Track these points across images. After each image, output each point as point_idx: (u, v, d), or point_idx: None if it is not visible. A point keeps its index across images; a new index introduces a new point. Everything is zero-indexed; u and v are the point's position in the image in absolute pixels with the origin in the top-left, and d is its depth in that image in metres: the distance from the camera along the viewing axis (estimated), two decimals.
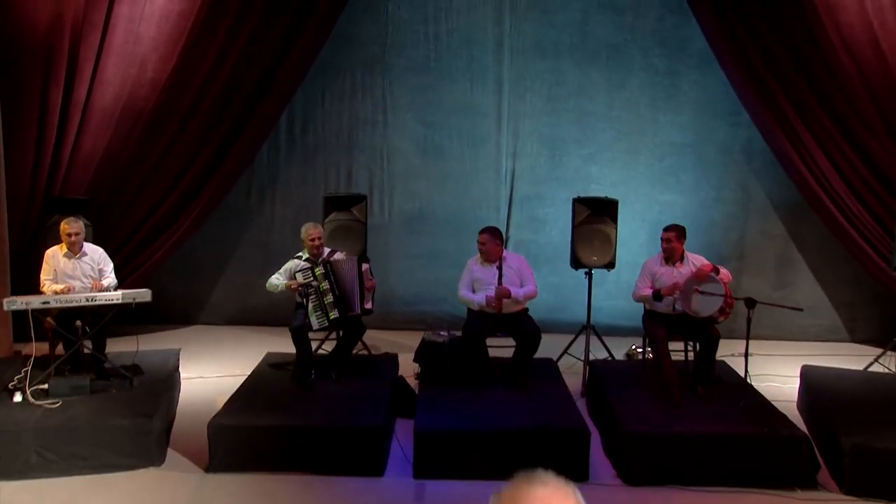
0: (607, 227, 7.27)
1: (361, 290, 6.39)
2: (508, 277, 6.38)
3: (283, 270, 6.57)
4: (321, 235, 6.59)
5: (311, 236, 6.53)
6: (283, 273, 6.56)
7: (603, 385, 6.39)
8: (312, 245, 6.51)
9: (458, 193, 9.02)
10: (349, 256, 6.63)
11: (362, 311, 6.42)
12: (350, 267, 6.42)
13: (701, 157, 8.78)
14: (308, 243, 6.54)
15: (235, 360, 7.84)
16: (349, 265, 6.43)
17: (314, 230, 6.56)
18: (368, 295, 6.48)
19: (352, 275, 6.38)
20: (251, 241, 9.16)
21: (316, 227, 6.63)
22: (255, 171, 8.99)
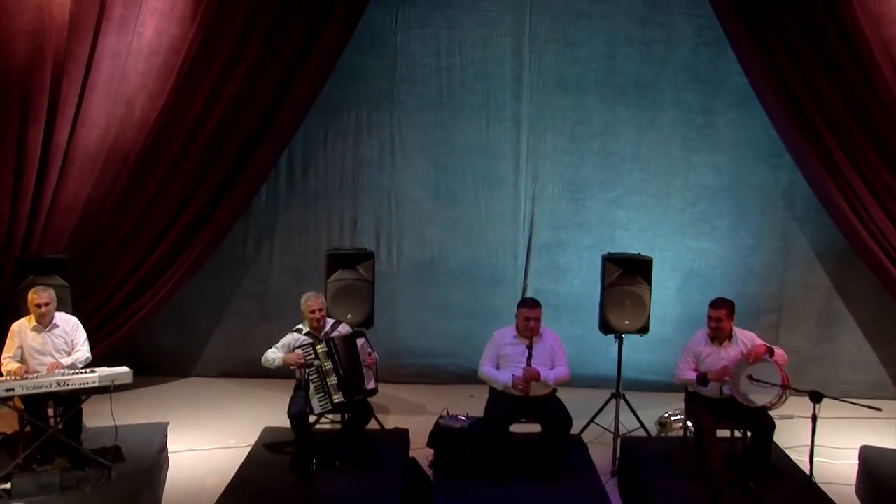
0: (640, 288, 6.58)
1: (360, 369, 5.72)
2: (540, 357, 5.69)
3: (281, 346, 5.89)
4: (323, 307, 5.90)
5: (311, 308, 5.84)
6: (281, 348, 5.87)
7: (637, 470, 5.69)
8: (313, 318, 5.83)
9: (472, 240, 8.37)
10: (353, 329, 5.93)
11: (363, 393, 5.71)
12: (349, 343, 5.75)
13: (738, 201, 8.10)
14: (308, 316, 5.86)
15: (229, 423, 7.23)
16: (348, 341, 5.75)
17: (315, 301, 5.87)
18: (369, 373, 5.78)
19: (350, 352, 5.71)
20: (248, 291, 8.52)
21: (317, 297, 5.93)
22: (251, 217, 8.35)
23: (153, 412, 7.23)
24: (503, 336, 5.86)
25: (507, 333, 5.86)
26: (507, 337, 5.83)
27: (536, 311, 5.73)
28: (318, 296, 5.95)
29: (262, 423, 6.88)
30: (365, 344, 5.86)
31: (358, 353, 5.73)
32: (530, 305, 5.77)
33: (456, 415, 5.84)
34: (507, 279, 8.39)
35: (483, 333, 8.29)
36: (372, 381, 5.80)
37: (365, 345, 5.86)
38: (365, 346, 5.86)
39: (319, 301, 5.89)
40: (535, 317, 5.71)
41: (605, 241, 8.17)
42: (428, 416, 7.59)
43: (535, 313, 5.72)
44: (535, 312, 5.72)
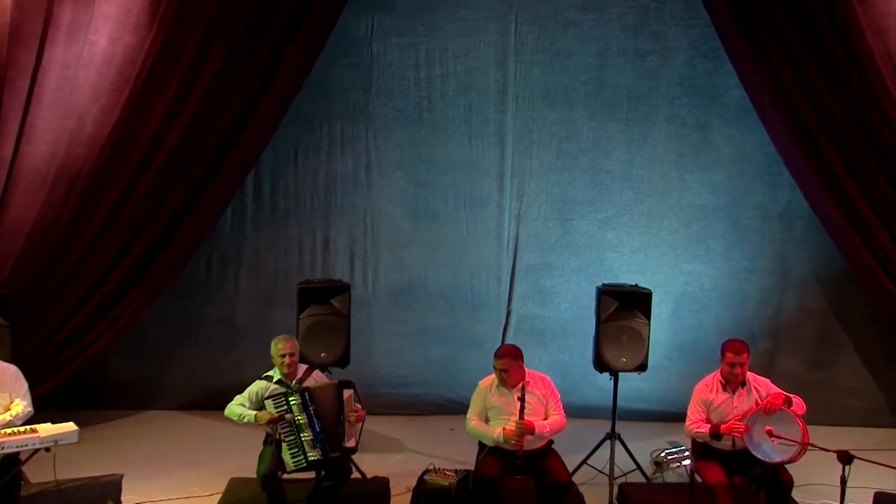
0: (638, 322, 6.13)
1: (342, 424, 5.16)
2: (532, 406, 5.18)
3: (248, 395, 5.32)
4: (295, 351, 5.35)
5: (281, 352, 5.29)
6: (248, 399, 5.29)
7: None
8: (283, 363, 5.27)
9: (453, 263, 7.88)
10: (330, 380, 5.36)
11: (343, 450, 5.17)
12: (330, 394, 5.21)
13: (734, 222, 7.70)
14: (279, 361, 5.30)
15: (192, 466, 6.62)
16: (330, 392, 5.22)
17: (285, 345, 5.32)
18: (353, 430, 5.24)
19: (333, 405, 5.18)
20: (213, 317, 7.91)
21: (288, 340, 5.38)
22: (216, 240, 7.75)
23: (106, 455, 6.66)
24: (488, 386, 5.36)
25: (492, 383, 5.36)
26: (491, 387, 5.34)
27: (503, 362, 5.25)
28: (288, 339, 5.40)
29: (228, 466, 6.38)
30: (352, 396, 5.31)
31: (342, 406, 5.18)
32: (498, 355, 5.31)
33: (442, 469, 5.31)
34: (490, 303, 7.92)
35: (464, 361, 7.96)
36: (353, 439, 5.25)
37: (352, 397, 5.31)
38: (352, 398, 5.31)
39: (290, 344, 5.34)
40: (502, 367, 5.23)
41: (595, 263, 7.79)
42: (407, 453, 7.14)
43: (502, 363, 5.24)
44: (502, 363, 5.25)
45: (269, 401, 5.14)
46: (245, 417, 5.22)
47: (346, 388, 5.27)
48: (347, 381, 5.30)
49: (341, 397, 5.20)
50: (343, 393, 5.22)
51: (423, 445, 7.26)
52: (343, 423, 5.17)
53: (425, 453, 7.06)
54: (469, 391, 7.82)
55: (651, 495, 5.74)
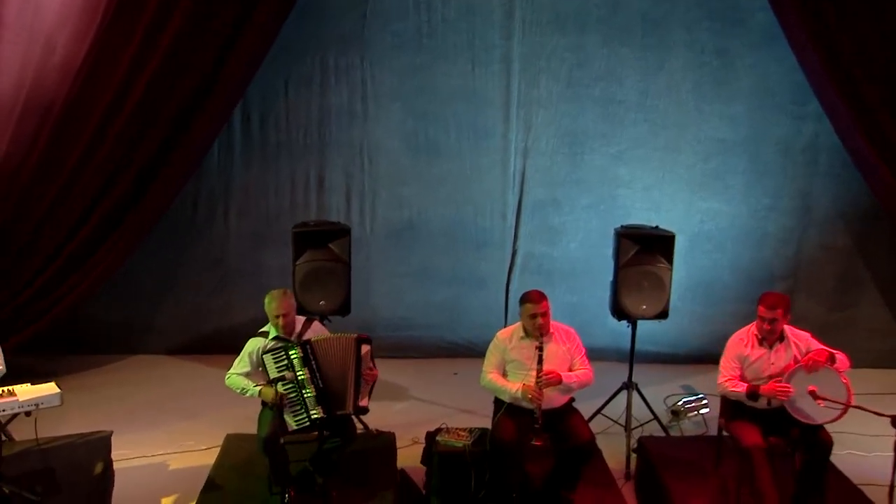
0: (660, 267, 5.73)
1: (357, 382, 4.77)
2: (555, 359, 4.80)
3: (246, 357, 4.90)
4: (290, 310, 4.89)
5: (275, 312, 4.85)
6: (247, 361, 4.88)
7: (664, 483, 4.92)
8: (278, 325, 4.85)
9: (455, 199, 7.44)
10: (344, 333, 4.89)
11: (355, 409, 4.80)
12: (342, 348, 4.78)
13: (755, 157, 7.24)
14: (273, 321, 4.88)
15: (185, 417, 6.32)
16: (341, 346, 4.79)
17: (281, 303, 4.85)
18: (366, 388, 4.85)
19: (343, 359, 4.76)
20: (201, 259, 7.51)
21: (284, 297, 4.90)
22: (203, 177, 7.27)
23: (94, 404, 6.40)
24: (508, 338, 4.95)
25: (513, 334, 4.95)
26: (512, 339, 4.93)
27: (543, 305, 4.81)
28: (283, 297, 4.91)
29: (223, 417, 6.06)
30: (370, 353, 4.89)
31: (358, 362, 4.77)
32: (535, 299, 4.82)
33: (455, 428, 4.95)
34: (494, 242, 7.53)
35: (467, 302, 7.65)
36: (366, 398, 4.86)
37: (370, 354, 4.89)
38: (369, 355, 4.89)
39: (286, 304, 4.88)
40: (542, 312, 4.79)
41: (606, 200, 7.38)
42: (410, 401, 6.84)
43: (541, 308, 4.79)
44: (542, 307, 4.80)
45: (267, 356, 4.73)
46: (248, 392, 4.81)
47: (365, 343, 4.84)
48: (365, 336, 4.87)
49: (359, 353, 4.78)
50: (361, 348, 4.81)
51: (426, 392, 6.97)
52: (359, 380, 4.77)
53: (428, 400, 6.82)
54: (473, 333, 7.74)
55: (672, 449, 5.38)
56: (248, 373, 4.88)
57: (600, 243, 7.41)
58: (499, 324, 7.68)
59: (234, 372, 4.89)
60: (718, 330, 7.55)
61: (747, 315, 7.63)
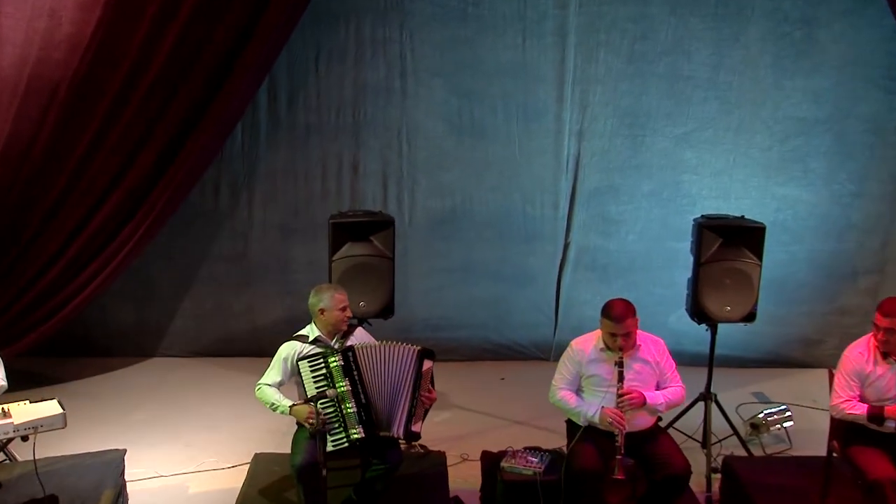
0: (747, 263, 5.01)
1: (413, 402, 4.10)
2: (643, 376, 4.11)
3: (278, 363, 4.25)
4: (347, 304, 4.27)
5: (340, 303, 4.24)
6: (280, 370, 4.23)
7: None
8: (341, 318, 4.22)
9: (503, 187, 6.79)
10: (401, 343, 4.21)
11: (406, 433, 4.12)
12: (397, 360, 4.12)
13: (840, 137, 6.52)
14: (335, 317, 4.24)
15: (205, 430, 5.72)
16: (396, 357, 4.13)
17: (343, 294, 4.27)
18: (421, 411, 4.17)
19: (397, 373, 4.10)
20: (223, 253, 6.91)
21: (342, 290, 4.31)
22: (225, 162, 6.66)
23: (104, 415, 5.85)
24: (585, 348, 4.24)
25: (591, 344, 4.24)
26: (589, 349, 4.22)
27: (626, 325, 4.09)
28: (341, 288, 4.33)
29: (248, 430, 5.57)
30: (430, 372, 4.19)
31: (406, 376, 4.09)
32: (616, 317, 4.08)
33: (522, 453, 4.25)
34: (545, 234, 6.87)
35: (514, 300, 6.97)
36: (419, 423, 4.17)
37: (430, 373, 4.19)
38: (430, 374, 4.19)
39: (346, 295, 4.28)
40: (625, 333, 4.08)
41: (669, 187, 6.71)
42: (453, 410, 6.21)
43: (623, 327, 4.08)
44: (625, 326, 4.08)
45: (303, 363, 4.07)
46: (279, 409, 4.17)
47: (428, 358, 4.16)
48: (429, 349, 4.20)
49: (419, 368, 4.10)
50: (423, 363, 4.13)
51: (471, 400, 6.33)
52: (415, 400, 4.09)
53: (474, 409, 6.18)
54: (520, 334, 7.07)
55: (766, 473, 4.66)
56: (280, 382, 4.23)
57: (662, 235, 6.78)
58: (548, 324, 7.06)
59: (266, 382, 4.24)
60: (791, 332, 6.94)
61: (823, 315, 7.03)
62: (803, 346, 6.95)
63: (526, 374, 6.87)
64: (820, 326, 6.92)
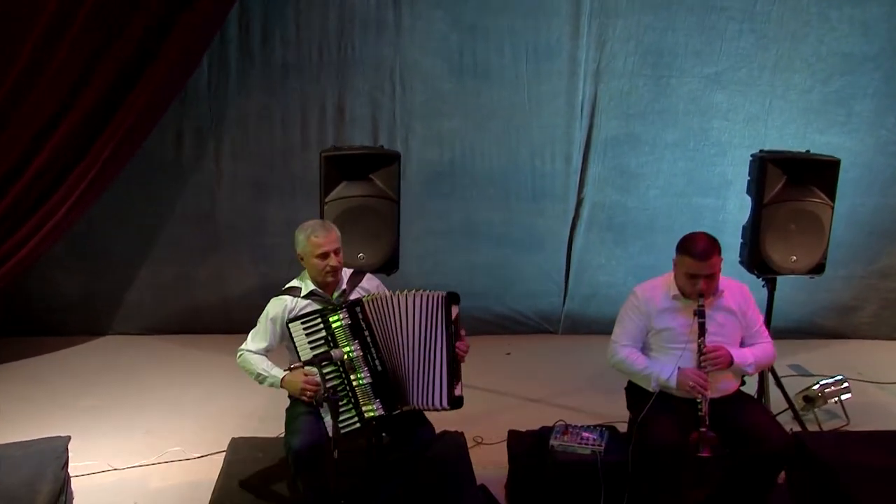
0: (817, 204, 4.28)
1: (451, 361, 3.25)
2: (726, 330, 3.33)
3: (265, 325, 3.38)
4: (339, 246, 3.39)
5: (319, 248, 3.35)
6: (267, 331, 3.36)
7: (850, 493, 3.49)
8: (324, 267, 3.34)
9: (509, 137, 6.00)
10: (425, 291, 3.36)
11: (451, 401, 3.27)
12: (419, 311, 3.27)
13: (890, 76, 5.82)
14: (314, 263, 3.36)
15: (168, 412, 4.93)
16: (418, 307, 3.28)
17: (324, 235, 3.38)
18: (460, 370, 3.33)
19: (421, 329, 3.27)
20: (186, 212, 6.03)
21: (327, 229, 3.42)
22: (188, 105, 5.76)
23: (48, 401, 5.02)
24: (654, 295, 3.45)
25: (661, 291, 3.45)
26: (659, 296, 3.43)
27: (711, 264, 3.33)
28: (327, 227, 3.44)
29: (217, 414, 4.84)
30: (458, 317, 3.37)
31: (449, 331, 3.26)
32: (700, 253, 3.34)
33: (576, 428, 3.39)
34: (555, 190, 6.09)
35: (520, 266, 6.18)
36: (459, 385, 3.33)
37: (458, 318, 3.36)
38: (459, 319, 3.37)
39: (333, 236, 3.40)
40: (708, 273, 3.31)
41: (696, 135, 5.99)
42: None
43: (706, 267, 3.32)
44: (709, 266, 3.32)
45: (295, 324, 3.21)
46: (267, 381, 3.34)
47: (455, 303, 3.32)
48: (454, 292, 3.35)
49: (449, 317, 3.26)
50: (451, 311, 3.29)
51: (476, 377, 5.44)
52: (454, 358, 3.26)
53: (481, 387, 5.38)
54: (527, 304, 6.24)
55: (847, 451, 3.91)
56: (267, 348, 3.37)
57: (686, 190, 6.08)
58: (557, 293, 6.30)
59: (249, 348, 3.37)
60: (827, 299, 6.21)
61: (861, 279, 6.34)
62: (838, 313, 6.29)
63: (533, 348, 6.17)
64: (858, 291, 6.25)
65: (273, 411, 4.73)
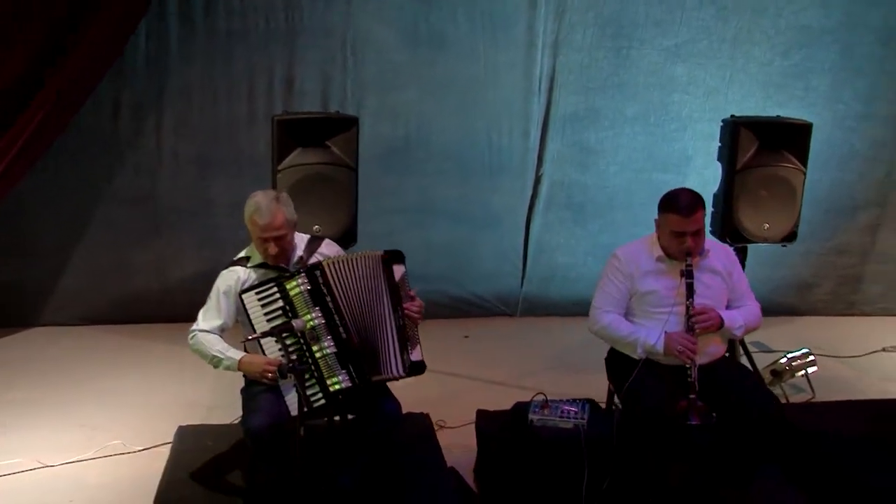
0: (789, 169, 4.17)
1: (399, 324, 3.04)
2: (713, 290, 3.16)
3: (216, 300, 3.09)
4: (286, 226, 3.10)
5: (262, 231, 3.07)
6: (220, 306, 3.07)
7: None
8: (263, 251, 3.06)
9: (464, 110, 5.74)
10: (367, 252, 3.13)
11: (407, 367, 3.04)
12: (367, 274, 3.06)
13: (847, 49, 5.76)
14: (259, 246, 3.08)
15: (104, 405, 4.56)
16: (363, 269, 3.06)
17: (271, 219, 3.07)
18: (414, 331, 3.12)
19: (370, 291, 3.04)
20: (124, 192, 5.61)
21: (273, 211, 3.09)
22: (125, 76, 5.34)
23: None
24: (637, 257, 3.27)
25: (644, 252, 3.27)
26: (643, 258, 3.25)
27: (695, 220, 3.17)
28: (272, 211, 3.09)
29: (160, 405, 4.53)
30: (405, 277, 3.14)
31: (395, 293, 3.04)
32: (685, 206, 3.18)
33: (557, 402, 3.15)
34: (513, 166, 5.88)
35: (477, 246, 5.95)
36: (417, 348, 3.11)
37: (405, 278, 3.14)
38: (405, 280, 3.14)
39: (277, 221, 3.07)
40: (694, 230, 3.15)
41: (657, 109, 5.85)
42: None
43: (691, 223, 3.15)
44: (694, 221, 3.16)
45: (248, 295, 2.93)
46: (223, 364, 3.03)
47: (397, 262, 3.10)
48: (396, 251, 3.12)
49: (391, 278, 3.04)
50: (394, 271, 3.05)
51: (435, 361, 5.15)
52: (401, 321, 3.05)
53: (440, 371, 5.10)
54: (483, 286, 6.00)
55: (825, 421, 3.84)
56: (222, 326, 3.08)
57: (646, 166, 5.95)
58: (515, 274, 6.10)
59: (201, 327, 3.07)
60: (785, 276, 6.16)
61: (819, 256, 6.31)
62: (796, 290, 6.25)
63: (492, 331, 5.95)
64: (816, 269, 6.22)
65: (221, 399, 4.46)
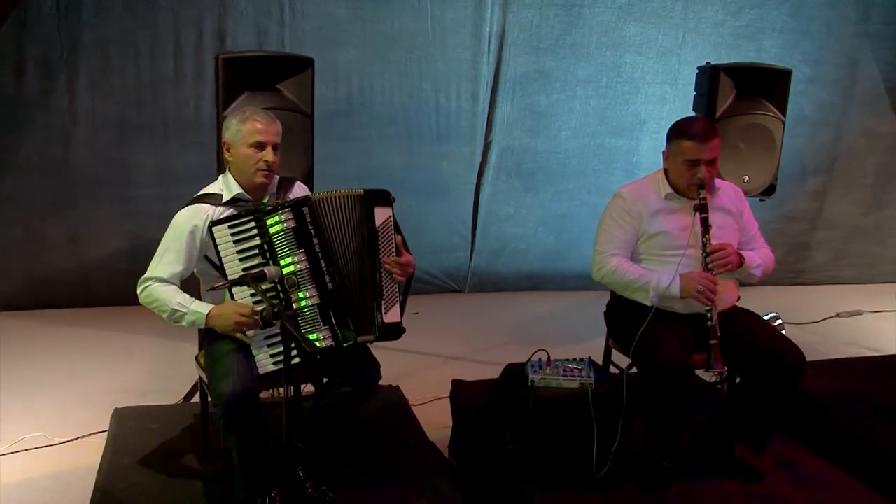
0: (769, 117, 3.99)
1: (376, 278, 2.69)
2: (725, 231, 2.92)
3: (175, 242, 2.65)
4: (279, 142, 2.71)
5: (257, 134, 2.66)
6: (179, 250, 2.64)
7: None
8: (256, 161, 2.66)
9: (410, 70, 5.39)
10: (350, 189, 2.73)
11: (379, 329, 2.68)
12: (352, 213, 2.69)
13: (797, 10, 5.69)
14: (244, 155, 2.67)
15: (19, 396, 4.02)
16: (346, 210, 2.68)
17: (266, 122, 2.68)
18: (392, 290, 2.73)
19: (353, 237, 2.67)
20: (33, 160, 4.98)
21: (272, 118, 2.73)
22: (30, 28, 4.72)
23: None
24: (645, 195, 2.97)
25: (652, 190, 2.98)
26: (651, 196, 2.96)
27: (711, 147, 2.88)
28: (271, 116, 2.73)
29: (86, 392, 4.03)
30: (391, 222, 2.75)
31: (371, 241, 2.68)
32: (701, 134, 2.87)
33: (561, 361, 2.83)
34: (461, 132, 5.56)
35: (424, 217, 5.59)
36: (397, 308, 2.74)
37: (391, 224, 2.75)
38: (391, 226, 2.76)
39: (276, 127, 2.71)
40: (710, 157, 2.87)
41: (609, 70, 5.63)
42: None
43: (708, 150, 2.86)
44: (709, 149, 2.87)
45: (221, 228, 2.52)
46: (186, 317, 2.57)
47: (381, 204, 2.72)
48: (382, 190, 2.74)
49: (371, 222, 2.67)
50: (374, 215, 2.68)
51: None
52: (377, 275, 2.68)
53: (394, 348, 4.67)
54: (431, 259, 5.65)
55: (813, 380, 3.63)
56: (182, 273, 2.64)
57: (599, 131, 5.75)
58: (464, 246, 5.80)
59: (157, 275, 2.61)
60: None
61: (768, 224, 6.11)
62: None
63: (441, 308, 5.62)
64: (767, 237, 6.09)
65: (157, 384, 4.03)
